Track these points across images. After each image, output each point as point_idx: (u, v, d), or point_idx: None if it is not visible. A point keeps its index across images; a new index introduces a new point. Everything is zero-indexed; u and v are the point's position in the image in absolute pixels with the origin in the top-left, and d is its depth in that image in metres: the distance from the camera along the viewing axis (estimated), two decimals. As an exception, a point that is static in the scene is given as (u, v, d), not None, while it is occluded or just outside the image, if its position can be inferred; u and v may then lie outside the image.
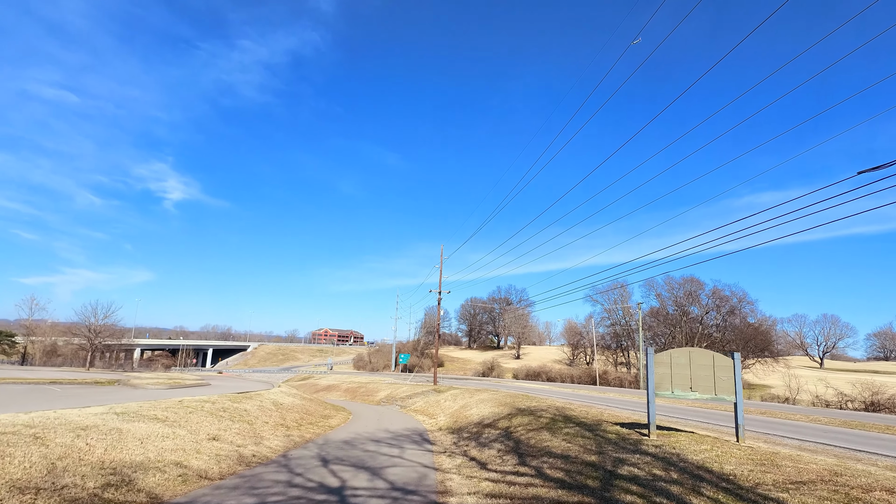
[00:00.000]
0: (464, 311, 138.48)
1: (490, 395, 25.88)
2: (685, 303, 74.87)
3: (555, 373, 74.25)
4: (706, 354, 10.92)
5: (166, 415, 11.65)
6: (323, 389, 51.44)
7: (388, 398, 37.31)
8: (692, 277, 74.76)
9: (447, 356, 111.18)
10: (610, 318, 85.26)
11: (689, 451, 8.72)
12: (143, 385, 23.83)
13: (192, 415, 12.49)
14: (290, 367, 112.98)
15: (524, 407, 17.60)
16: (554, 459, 8.82)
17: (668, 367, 10.87)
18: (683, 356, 10.91)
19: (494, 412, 18.10)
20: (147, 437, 9.20)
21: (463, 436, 15.33)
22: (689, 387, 10.74)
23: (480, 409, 20.31)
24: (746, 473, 6.94)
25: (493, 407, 19.59)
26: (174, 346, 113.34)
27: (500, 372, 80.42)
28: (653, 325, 78.47)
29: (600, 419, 13.58)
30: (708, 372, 10.73)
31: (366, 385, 48.34)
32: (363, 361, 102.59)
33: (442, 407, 26.80)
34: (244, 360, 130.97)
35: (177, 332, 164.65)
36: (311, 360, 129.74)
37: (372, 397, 39.97)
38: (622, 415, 15.85)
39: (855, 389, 37.26)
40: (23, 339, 74.42)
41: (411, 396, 34.57)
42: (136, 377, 32.35)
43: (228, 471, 8.55)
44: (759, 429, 14.15)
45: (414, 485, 8.12)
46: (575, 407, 17.47)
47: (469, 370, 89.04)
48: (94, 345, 59.20)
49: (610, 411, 17.16)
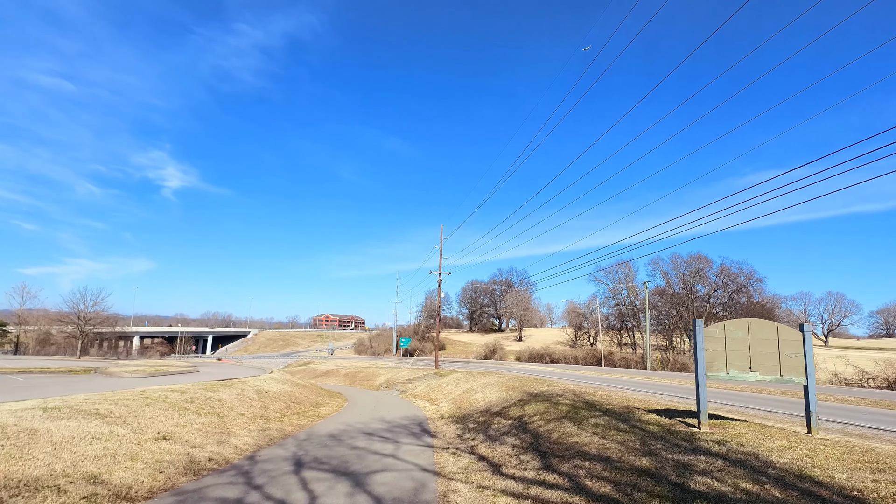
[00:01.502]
0: (465, 294, 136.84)
1: (495, 378, 24.02)
2: (692, 281, 72.81)
3: (558, 354, 72.63)
4: (768, 326, 8.85)
5: (112, 409, 9.66)
6: (321, 374, 49.83)
7: (388, 383, 35.57)
8: (699, 255, 72.55)
9: (448, 339, 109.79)
10: (614, 297, 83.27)
11: (765, 448, 6.71)
12: (119, 373, 22.00)
13: (148, 408, 10.51)
14: (291, 352, 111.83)
15: (536, 391, 15.65)
16: (591, 463, 6.80)
17: (722, 342, 8.82)
18: (741, 329, 8.83)
19: (503, 397, 16.16)
20: (67, 441, 7.19)
21: (468, 426, 13.39)
22: (747, 366, 8.69)
23: (486, 393, 18.40)
24: (871, 486, 4.93)
25: (501, 391, 17.68)
26: (172, 333, 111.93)
27: (503, 354, 78.83)
28: (658, 305, 76.60)
29: (628, 405, 11.60)
30: (771, 348, 8.67)
31: (365, 370, 46.65)
32: (364, 346, 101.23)
33: (444, 392, 24.97)
34: (244, 346, 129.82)
35: (177, 319, 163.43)
36: (312, 345, 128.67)
37: (371, 382, 38.26)
38: (649, 399, 13.89)
39: (877, 367, 35.52)
40: (15, 328, 72.83)
41: (412, 381, 32.80)
42: (119, 365, 30.54)
43: (165, 484, 6.54)
44: (790, 411, 12.15)
45: (407, 501, 6.14)
46: (592, 391, 15.51)
47: (471, 353, 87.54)
48: (84, 333, 57.40)
49: (633, 395, 15.20)
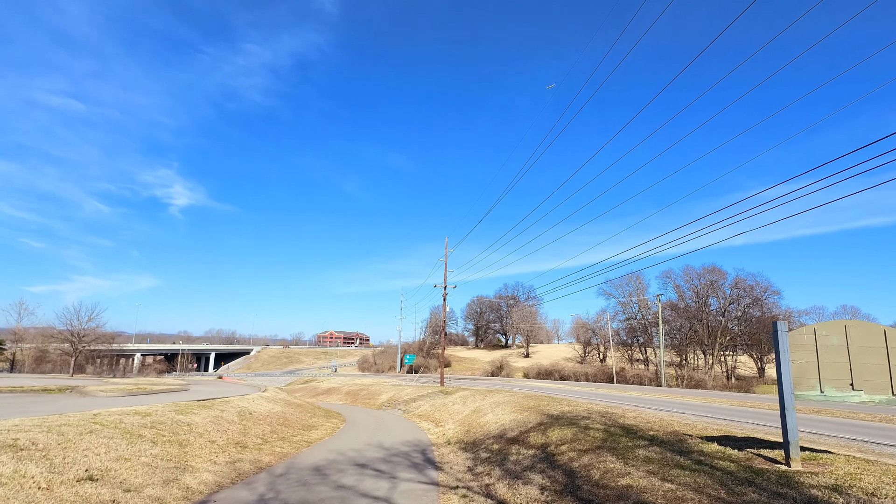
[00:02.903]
0: (470, 310, 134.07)
1: (506, 396, 21.87)
2: (706, 293, 70.21)
3: (567, 371, 69.97)
4: (873, 331, 6.83)
5: (37, 438, 7.72)
6: (322, 393, 47.65)
7: (391, 401, 33.38)
8: (713, 266, 70.07)
9: (454, 356, 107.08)
10: (625, 311, 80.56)
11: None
12: (95, 392, 20.04)
13: (90, 436, 8.56)
14: (294, 370, 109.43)
15: (556, 413, 13.56)
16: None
17: (812, 350, 6.80)
18: (836, 333, 6.80)
19: (518, 420, 14.06)
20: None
21: (480, 454, 11.31)
22: (848, 382, 6.66)
23: (498, 414, 16.29)
24: None
25: (515, 412, 15.57)
26: (173, 350, 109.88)
27: (510, 371, 76.19)
28: (670, 319, 73.79)
29: (674, 431, 9.53)
30: (879, 358, 6.65)
31: (368, 387, 44.42)
32: (368, 363, 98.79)
33: (450, 412, 22.82)
34: (247, 363, 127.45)
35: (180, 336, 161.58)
36: (316, 362, 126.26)
37: (373, 401, 36.06)
38: (693, 422, 11.78)
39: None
40: (12, 345, 71.21)
41: (416, 399, 30.62)
42: (104, 383, 28.58)
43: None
44: (876, 439, 9.98)
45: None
46: (622, 412, 13.41)
47: (477, 370, 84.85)
48: (77, 350, 55.49)
49: (671, 417, 13.09)
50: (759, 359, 66.50)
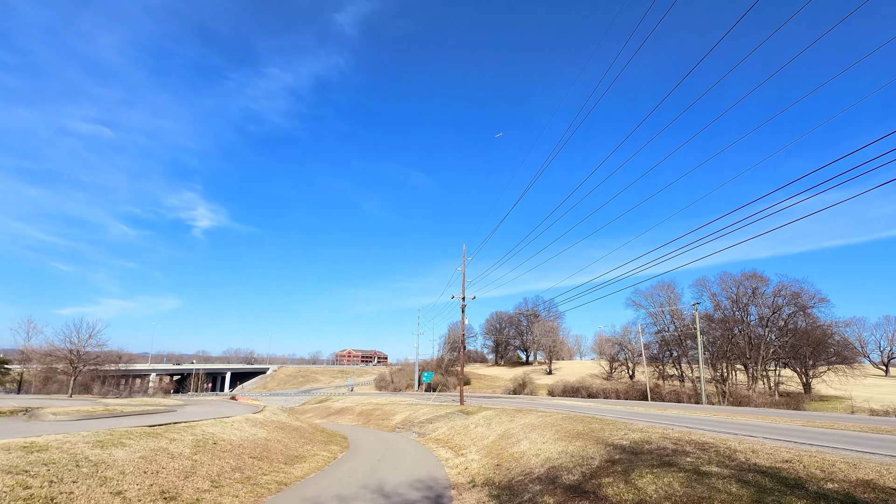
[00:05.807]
0: (489, 326, 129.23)
1: (539, 417, 17.91)
2: (747, 302, 64.71)
3: (595, 388, 64.87)
4: None
5: None
6: (335, 413, 44.06)
7: (405, 423, 29.56)
8: (754, 272, 64.53)
9: (473, 373, 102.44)
10: (656, 323, 75.00)
11: None
12: (45, 415, 16.78)
13: None
14: (310, 389, 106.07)
15: (625, 444, 9.71)
16: None
17: None
18: None
19: (570, 452, 10.21)
20: None
21: (521, 508, 7.57)
22: None
23: (537, 442, 12.45)
24: None
25: (561, 440, 11.72)
26: (187, 370, 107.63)
27: (533, 388, 71.32)
28: (705, 331, 68.19)
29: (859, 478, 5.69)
30: None
31: (382, 407, 40.68)
32: (385, 381, 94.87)
33: (472, 436, 18.96)
34: (263, 383, 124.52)
35: (198, 356, 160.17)
36: (333, 381, 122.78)
37: (387, 421, 32.27)
38: (825, 455, 7.84)
39: None
40: (19, 366, 69.44)
41: (432, 420, 26.79)
42: (75, 404, 25.41)
43: None
44: None
45: None
46: (717, 440, 9.50)
47: (498, 388, 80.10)
48: (76, 369, 53.00)
49: (786, 446, 9.12)
50: (803, 373, 60.46)
